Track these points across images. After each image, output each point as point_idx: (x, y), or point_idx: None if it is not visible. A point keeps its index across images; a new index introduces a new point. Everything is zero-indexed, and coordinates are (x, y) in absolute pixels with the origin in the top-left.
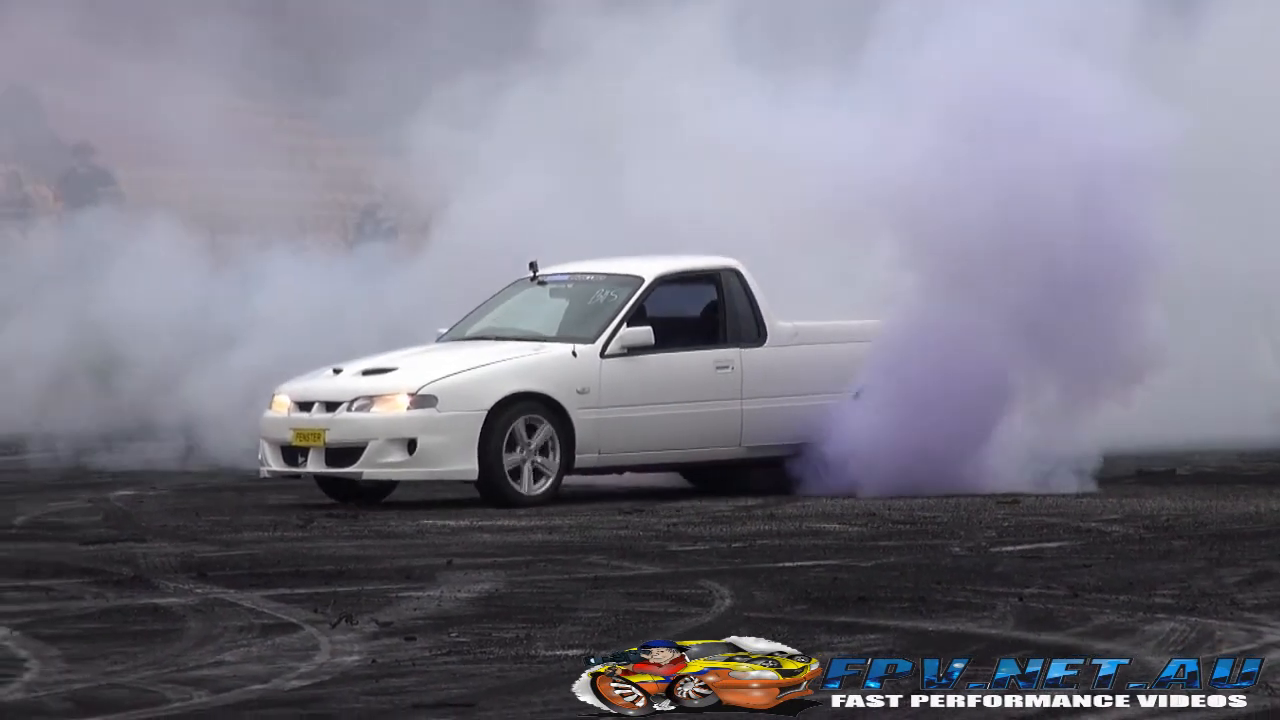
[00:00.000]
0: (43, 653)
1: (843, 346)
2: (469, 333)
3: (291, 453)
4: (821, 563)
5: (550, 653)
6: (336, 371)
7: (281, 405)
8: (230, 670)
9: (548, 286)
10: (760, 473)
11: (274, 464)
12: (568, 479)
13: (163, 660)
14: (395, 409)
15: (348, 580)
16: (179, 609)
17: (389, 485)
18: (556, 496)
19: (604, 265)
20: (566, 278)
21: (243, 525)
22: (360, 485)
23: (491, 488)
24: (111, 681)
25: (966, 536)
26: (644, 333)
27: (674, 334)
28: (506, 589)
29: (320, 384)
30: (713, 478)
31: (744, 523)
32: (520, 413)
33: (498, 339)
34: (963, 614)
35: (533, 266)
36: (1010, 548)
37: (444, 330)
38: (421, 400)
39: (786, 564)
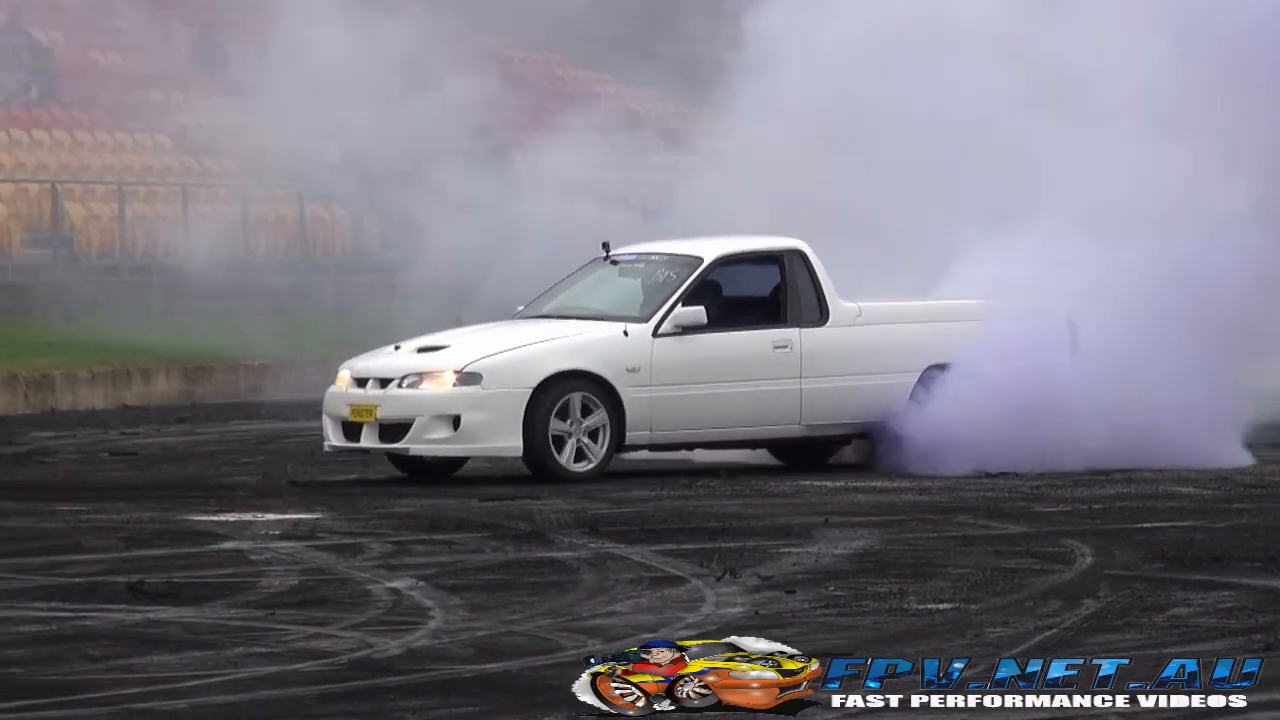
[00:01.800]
0: (446, 602)
1: (909, 326)
2: (544, 310)
3: (351, 428)
4: (1177, 524)
5: (922, 606)
6: (397, 348)
7: (343, 381)
8: (621, 620)
9: (619, 266)
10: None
11: (334, 439)
12: (642, 455)
13: (558, 610)
14: (442, 386)
15: (731, 536)
16: (573, 562)
17: (456, 461)
18: (606, 474)
19: (669, 246)
20: (634, 257)
21: (632, 484)
22: (426, 461)
23: (539, 464)
24: (510, 630)
25: None
26: (696, 312)
27: (735, 314)
28: (880, 546)
29: (377, 361)
30: (799, 454)
31: (1103, 486)
32: (567, 390)
33: (563, 317)
34: None
35: (605, 246)
36: None
37: (521, 307)
38: (467, 378)
39: (1144, 525)
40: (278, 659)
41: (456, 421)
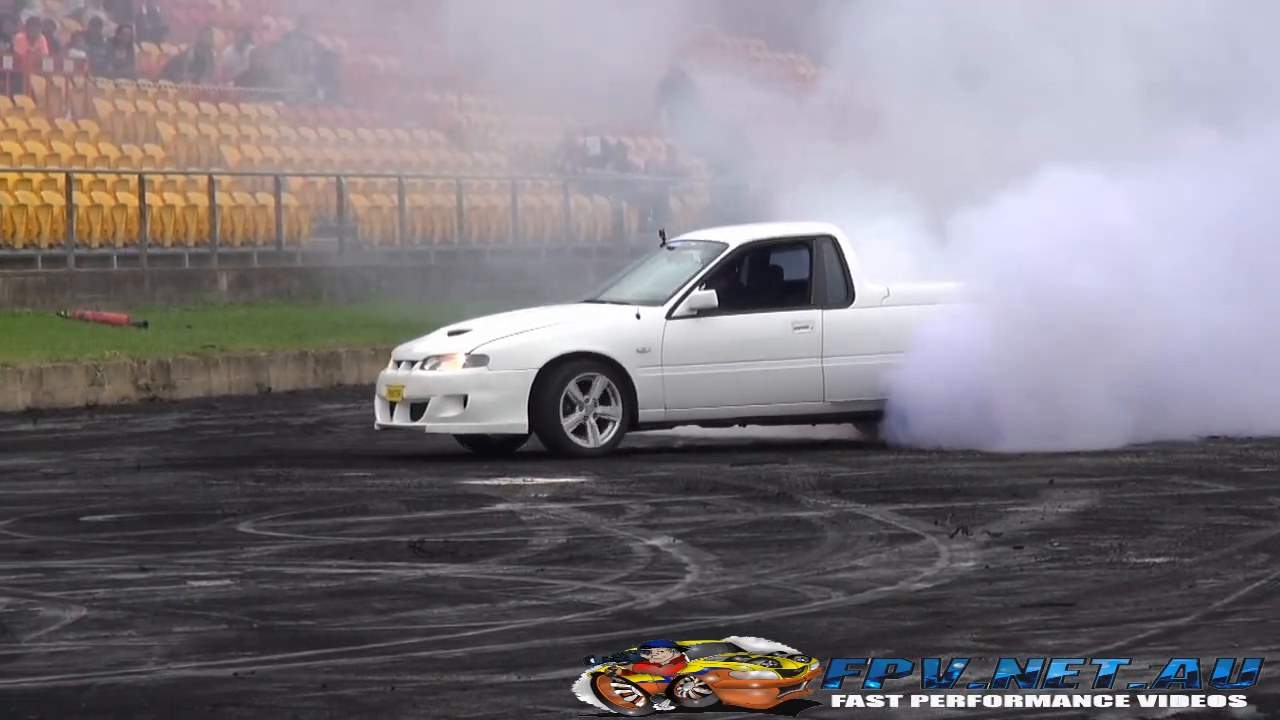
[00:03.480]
0: (701, 558)
1: (939, 308)
2: (601, 296)
3: (391, 407)
4: None
5: (1140, 560)
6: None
7: (391, 364)
8: (863, 574)
9: (672, 253)
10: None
11: (380, 418)
12: (690, 431)
13: (804, 565)
14: (454, 368)
15: (963, 497)
16: (818, 521)
17: (517, 439)
18: (616, 451)
19: (707, 233)
20: (681, 244)
21: (870, 450)
22: (490, 440)
23: (550, 441)
24: (760, 583)
25: None
26: (708, 296)
27: (761, 297)
28: (1101, 504)
29: (414, 344)
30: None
31: None
32: (576, 371)
33: (612, 302)
34: None
35: (661, 234)
36: None
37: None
38: (475, 360)
39: None
40: (547, 611)
41: (465, 401)
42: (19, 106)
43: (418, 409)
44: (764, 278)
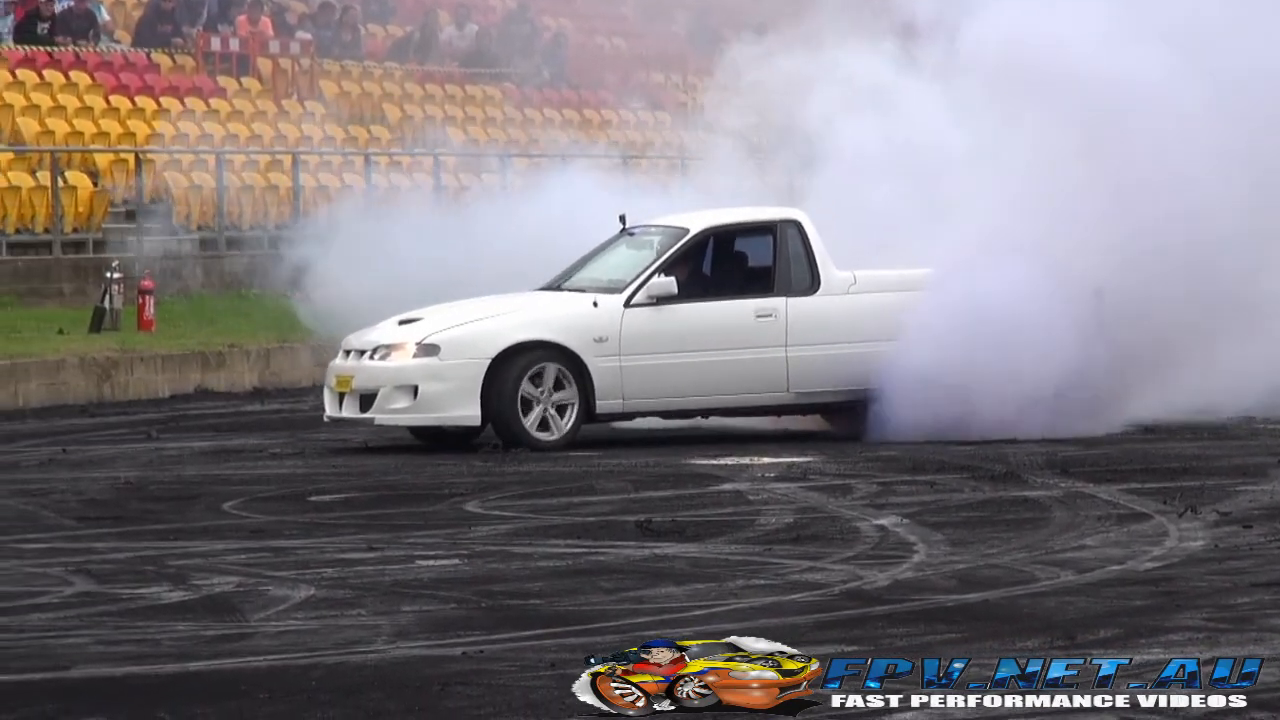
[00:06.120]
0: (928, 538)
1: (908, 295)
2: (560, 283)
3: (339, 398)
4: None
5: None
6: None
7: (340, 353)
8: (1091, 553)
9: (634, 238)
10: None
11: (329, 410)
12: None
13: (1033, 544)
14: (404, 358)
15: (1191, 476)
16: (1046, 500)
17: (473, 429)
18: (575, 442)
19: (667, 218)
20: (640, 229)
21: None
22: (446, 430)
23: (504, 432)
24: (989, 562)
25: None
26: (667, 283)
27: (724, 284)
28: None
29: (364, 333)
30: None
31: None
32: (532, 361)
33: (571, 289)
34: None
35: (622, 219)
36: None
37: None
38: (425, 349)
39: None
40: (775, 590)
41: (415, 392)
42: (245, 88)
43: (367, 400)
44: (726, 264)
